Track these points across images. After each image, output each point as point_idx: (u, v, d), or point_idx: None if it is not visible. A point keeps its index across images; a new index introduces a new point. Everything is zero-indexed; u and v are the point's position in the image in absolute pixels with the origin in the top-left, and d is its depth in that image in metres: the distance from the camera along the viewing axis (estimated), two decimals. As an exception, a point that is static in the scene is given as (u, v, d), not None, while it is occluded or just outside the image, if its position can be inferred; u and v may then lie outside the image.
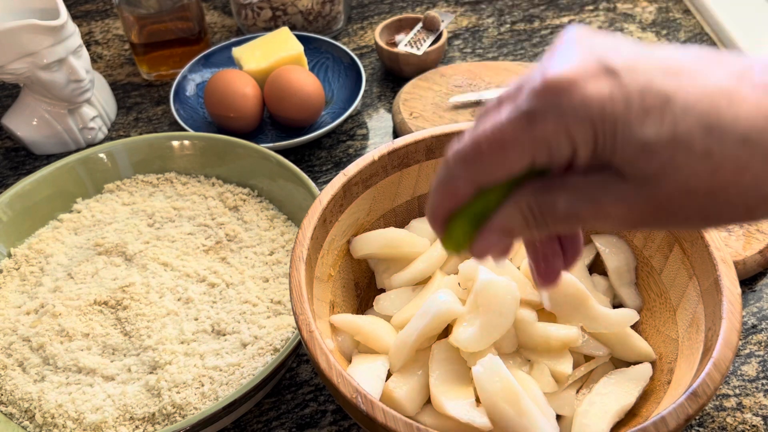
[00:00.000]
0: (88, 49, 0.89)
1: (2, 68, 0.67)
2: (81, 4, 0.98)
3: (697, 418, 0.52)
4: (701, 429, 0.51)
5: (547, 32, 0.89)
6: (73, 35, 0.69)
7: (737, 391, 0.53)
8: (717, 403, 0.53)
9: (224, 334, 0.54)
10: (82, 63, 0.70)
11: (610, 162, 0.28)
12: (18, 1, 0.69)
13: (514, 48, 0.87)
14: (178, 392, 0.50)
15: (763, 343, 0.56)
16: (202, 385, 0.51)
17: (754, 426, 0.51)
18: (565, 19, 0.91)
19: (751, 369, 0.55)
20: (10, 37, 0.65)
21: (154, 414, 0.50)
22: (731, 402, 0.53)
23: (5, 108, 0.82)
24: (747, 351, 0.56)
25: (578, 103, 0.27)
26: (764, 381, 0.54)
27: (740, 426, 0.51)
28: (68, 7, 0.96)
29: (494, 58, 0.85)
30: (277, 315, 0.56)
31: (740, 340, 0.56)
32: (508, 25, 0.90)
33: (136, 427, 0.50)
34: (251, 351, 0.53)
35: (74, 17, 0.95)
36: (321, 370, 0.41)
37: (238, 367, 0.52)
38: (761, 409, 0.52)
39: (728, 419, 0.52)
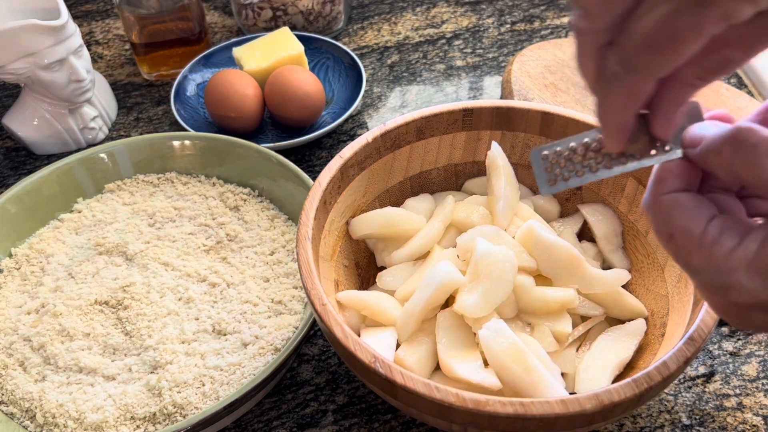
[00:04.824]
0: (89, 49, 0.89)
1: (3, 68, 0.67)
2: (81, 4, 0.98)
3: (697, 417, 0.52)
4: (701, 429, 0.51)
5: (547, 32, 0.89)
6: (74, 35, 0.69)
7: (737, 391, 0.53)
8: (717, 402, 0.53)
9: (225, 334, 0.54)
10: (82, 63, 0.70)
11: None
12: (18, 1, 0.69)
13: (515, 48, 0.87)
14: (179, 392, 0.50)
15: (763, 343, 0.56)
16: (203, 385, 0.51)
17: (754, 426, 0.51)
18: (565, 19, 0.91)
19: (751, 369, 0.55)
20: (11, 37, 0.65)
21: (155, 414, 0.50)
22: (731, 402, 0.53)
23: (6, 108, 0.82)
24: (747, 351, 0.56)
25: None
26: (764, 381, 0.54)
27: (740, 426, 0.51)
28: (69, 7, 0.96)
29: (494, 58, 0.85)
30: (278, 315, 0.56)
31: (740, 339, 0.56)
32: (508, 25, 0.90)
33: (137, 426, 0.50)
34: (252, 351, 0.53)
35: (75, 17, 0.95)
36: (337, 340, 0.42)
37: (238, 366, 0.52)
38: (761, 409, 0.52)
39: (728, 419, 0.52)
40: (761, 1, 0.26)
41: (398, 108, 0.80)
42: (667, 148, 0.33)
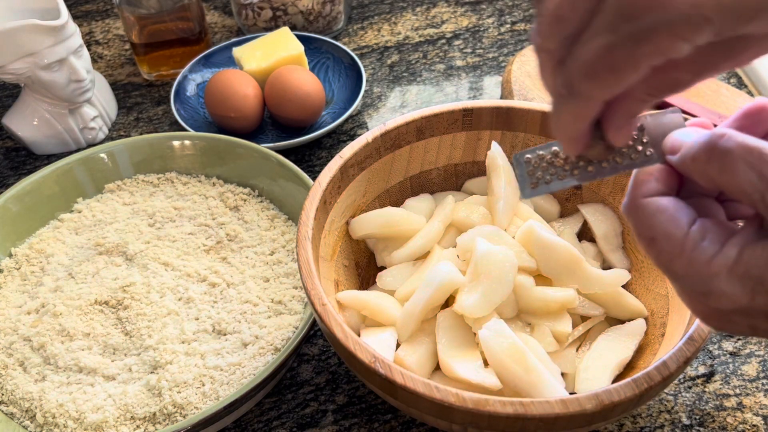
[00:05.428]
0: (89, 49, 0.89)
1: (3, 68, 0.67)
2: (81, 4, 0.98)
3: (697, 417, 0.52)
4: (701, 429, 0.51)
5: (547, 32, 0.89)
6: (74, 35, 0.69)
7: (737, 391, 0.53)
8: (717, 402, 0.53)
9: (225, 334, 0.54)
10: (82, 63, 0.70)
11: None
12: (18, 1, 0.69)
13: (515, 48, 0.87)
14: (179, 392, 0.50)
15: (763, 343, 0.56)
16: (203, 385, 0.51)
17: (754, 426, 0.51)
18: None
19: (751, 369, 0.55)
20: (11, 37, 0.65)
21: (155, 414, 0.50)
22: (731, 402, 0.53)
23: (6, 108, 0.82)
24: (747, 351, 0.56)
25: None
26: (764, 381, 0.54)
27: (740, 426, 0.51)
28: (69, 7, 0.96)
29: (494, 58, 0.85)
30: (278, 315, 0.56)
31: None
32: (508, 25, 0.90)
33: (137, 426, 0.50)
34: (252, 351, 0.53)
35: (75, 17, 0.95)
36: (337, 340, 0.42)
37: (238, 366, 0.52)
38: (761, 408, 0.52)
39: (728, 419, 0.52)
40: (697, 39, 0.26)
41: (398, 108, 0.80)
42: (648, 153, 0.33)
